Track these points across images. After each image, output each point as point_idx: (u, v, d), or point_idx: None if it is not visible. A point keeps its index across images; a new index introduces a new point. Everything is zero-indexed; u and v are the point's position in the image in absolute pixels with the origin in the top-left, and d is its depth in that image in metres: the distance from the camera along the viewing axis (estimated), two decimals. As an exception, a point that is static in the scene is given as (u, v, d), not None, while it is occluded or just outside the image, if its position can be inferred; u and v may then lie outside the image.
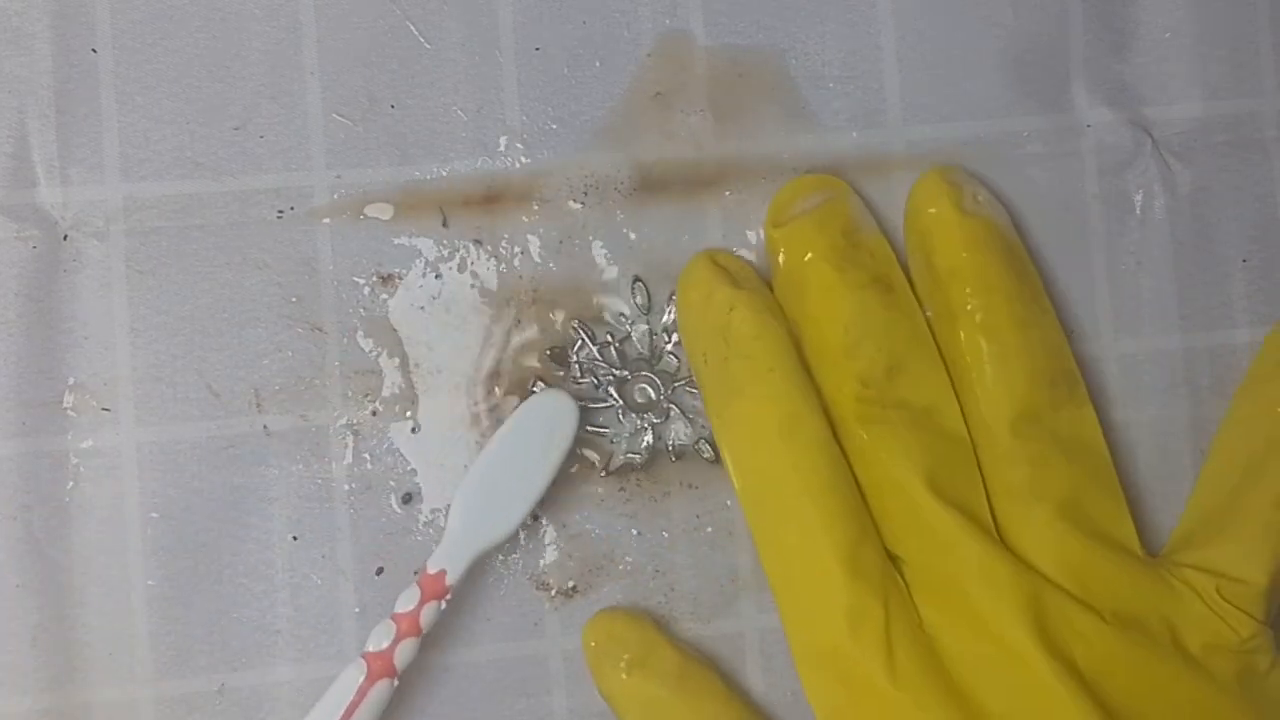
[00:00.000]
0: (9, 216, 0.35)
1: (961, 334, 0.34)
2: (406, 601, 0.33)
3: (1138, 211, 0.37)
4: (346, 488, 0.35)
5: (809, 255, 0.34)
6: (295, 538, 0.35)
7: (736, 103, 0.36)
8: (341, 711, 0.32)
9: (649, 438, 0.35)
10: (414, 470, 0.35)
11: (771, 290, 0.35)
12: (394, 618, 0.33)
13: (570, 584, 0.35)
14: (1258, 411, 0.35)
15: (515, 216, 0.36)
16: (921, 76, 0.37)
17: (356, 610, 0.35)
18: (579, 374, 0.36)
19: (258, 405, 0.35)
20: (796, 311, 0.34)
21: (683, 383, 0.36)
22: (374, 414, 0.35)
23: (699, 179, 0.36)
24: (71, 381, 0.35)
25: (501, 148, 0.36)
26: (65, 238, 0.35)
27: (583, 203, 0.36)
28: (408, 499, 0.35)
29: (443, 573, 0.33)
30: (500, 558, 0.35)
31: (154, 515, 0.35)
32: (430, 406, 0.35)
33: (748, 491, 0.33)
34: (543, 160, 0.36)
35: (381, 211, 0.36)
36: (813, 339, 0.34)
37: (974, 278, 0.34)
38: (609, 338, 0.36)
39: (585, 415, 0.35)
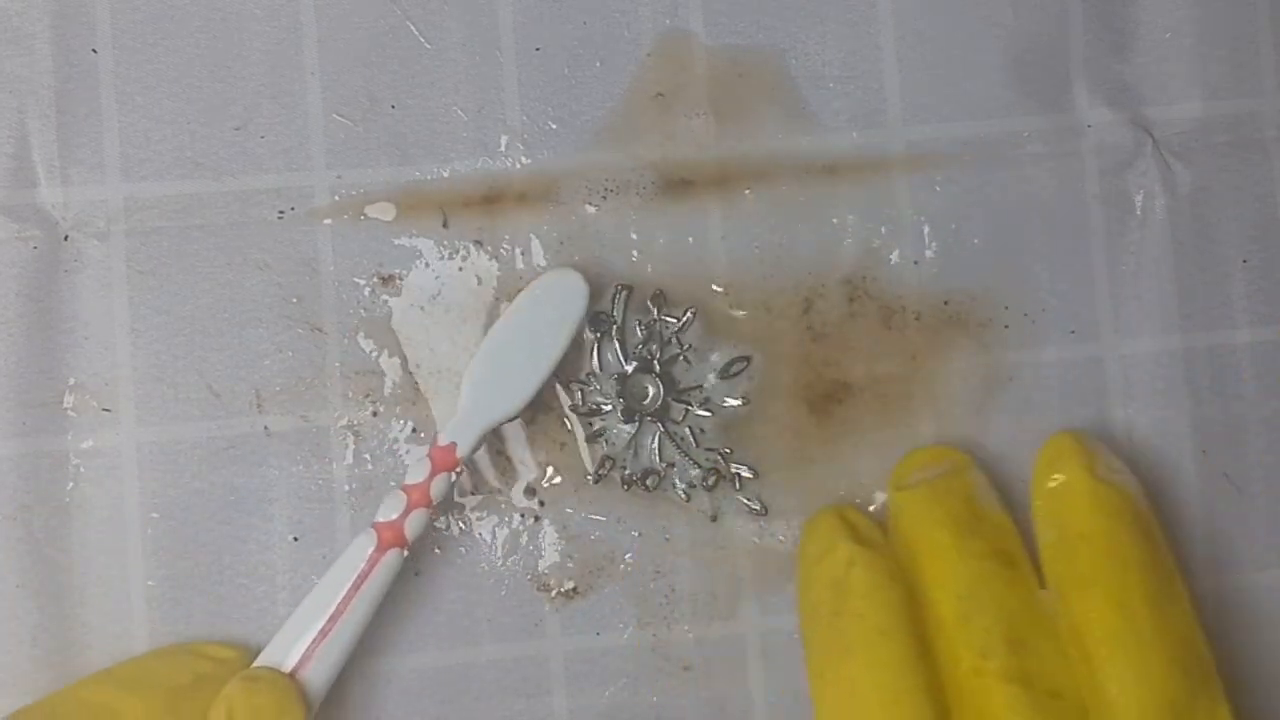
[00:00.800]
0: (9, 217, 0.35)
1: (1093, 607, 0.31)
2: (417, 473, 0.33)
3: (1138, 211, 0.37)
4: (347, 488, 0.35)
5: (929, 522, 0.33)
6: (296, 538, 0.35)
7: (737, 103, 0.36)
8: (352, 579, 0.33)
9: (652, 446, 0.35)
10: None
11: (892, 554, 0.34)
12: (404, 488, 0.33)
13: (571, 585, 0.36)
14: None
15: (516, 217, 0.36)
16: (921, 76, 0.37)
17: (357, 610, 0.35)
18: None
19: (258, 406, 0.35)
20: (915, 578, 0.33)
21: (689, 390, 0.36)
22: (374, 414, 0.35)
23: (699, 179, 0.36)
24: (72, 382, 0.35)
25: (502, 148, 0.36)
26: (66, 238, 0.35)
27: (583, 203, 0.36)
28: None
29: (453, 445, 0.34)
30: (501, 559, 0.35)
31: (154, 515, 0.35)
32: (430, 407, 0.35)
33: None
34: (543, 160, 0.36)
35: (382, 212, 0.36)
36: (929, 610, 0.32)
37: (1108, 549, 0.32)
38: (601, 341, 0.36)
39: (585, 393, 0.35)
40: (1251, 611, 0.36)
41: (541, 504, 0.36)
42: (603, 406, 0.35)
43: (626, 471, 0.35)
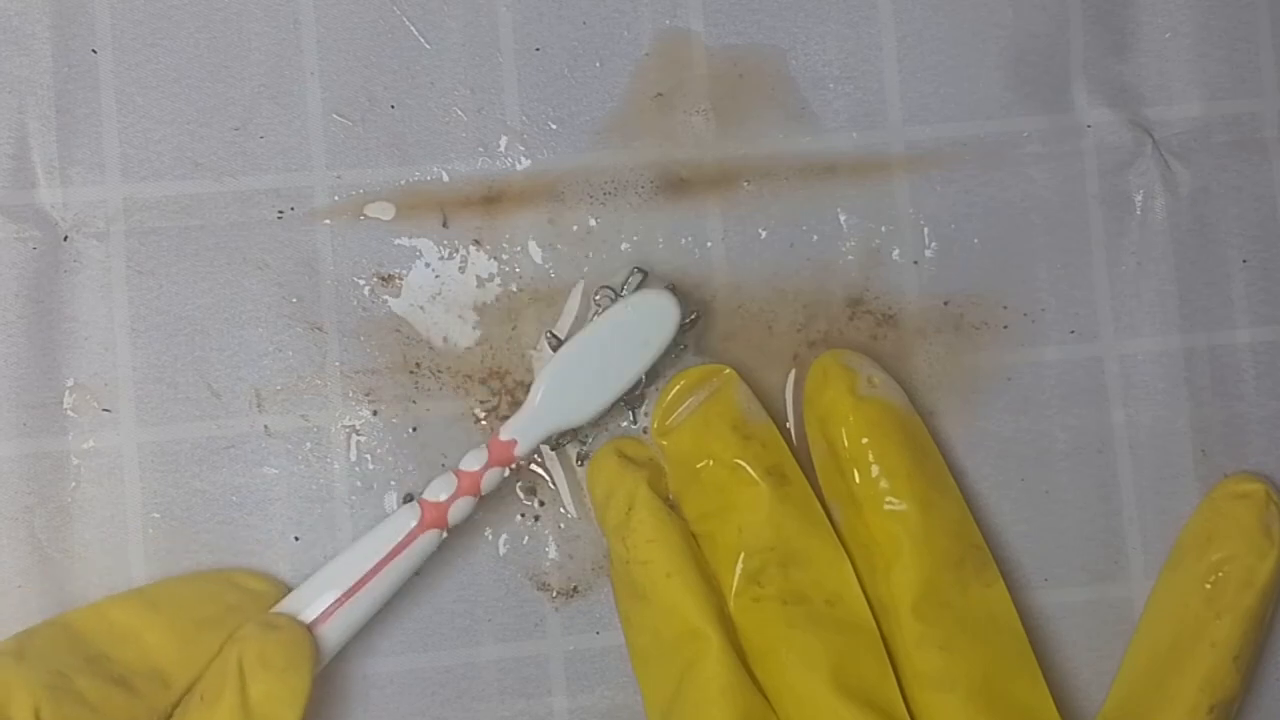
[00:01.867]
0: (9, 217, 0.35)
1: (863, 517, 0.33)
2: (473, 461, 0.33)
3: (1138, 211, 0.37)
4: (347, 488, 0.35)
5: (698, 456, 0.34)
6: (296, 538, 0.35)
7: (737, 103, 0.36)
8: (388, 550, 0.33)
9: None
10: (414, 470, 0.35)
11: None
12: (456, 473, 0.33)
13: (571, 584, 0.36)
14: (1185, 588, 0.35)
15: (515, 217, 0.36)
16: (921, 76, 0.37)
17: (357, 610, 0.35)
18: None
19: (258, 405, 0.35)
20: (693, 510, 0.34)
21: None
22: (374, 414, 0.35)
23: (699, 179, 0.36)
24: (72, 382, 0.35)
25: (502, 148, 0.36)
26: (65, 238, 0.35)
27: (583, 203, 0.36)
28: (408, 499, 0.35)
29: (513, 442, 0.34)
30: (501, 559, 0.35)
31: (155, 515, 0.35)
32: (430, 406, 0.35)
33: (651, 697, 0.33)
34: (543, 161, 0.36)
35: (382, 212, 0.36)
36: (707, 539, 0.33)
37: (872, 461, 0.33)
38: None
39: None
40: (1251, 611, 0.36)
41: (542, 504, 0.36)
42: None
43: (584, 448, 0.35)
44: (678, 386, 0.34)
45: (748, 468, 0.33)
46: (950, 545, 0.33)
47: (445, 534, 0.33)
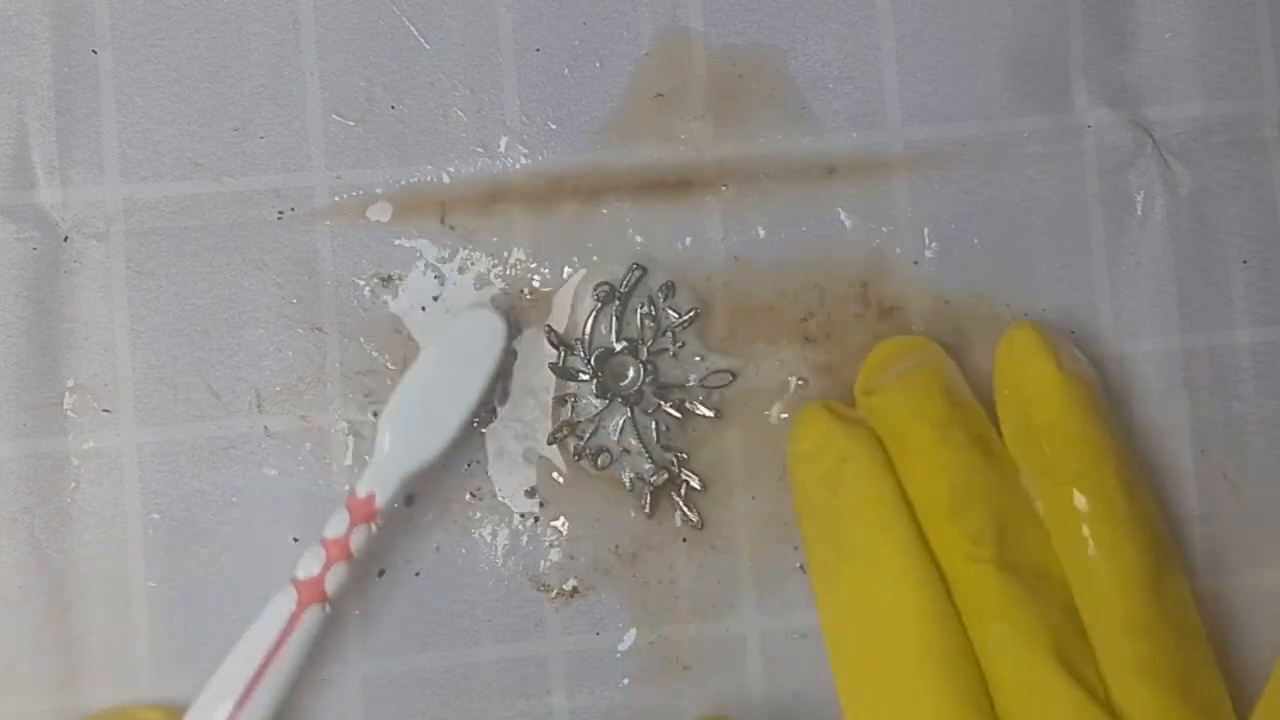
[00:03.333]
0: (9, 217, 0.35)
1: (1070, 495, 0.32)
2: (336, 526, 0.33)
3: (1138, 211, 0.37)
4: (347, 488, 0.35)
5: (909, 415, 0.33)
6: (296, 539, 0.35)
7: (736, 103, 0.36)
8: (274, 639, 0.32)
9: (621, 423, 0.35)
10: (414, 470, 0.35)
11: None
12: (323, 543, 0.33)
13: (571, 585, 0.36)
14: None
15: (516, 217, 0.36)
16: (921, 76, 0.37)
17: (356, 612, 0.35)
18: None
19: (258, 406, 0.35)
20: (901, 470, 0.33)
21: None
22: (375, 415, 0.35)
23: (699, 179, 0.36)
24: (72, 383, 0.35)
25: (501, 148, 0.36)
26: (65, 239, 0.35)
27: (582, 203, 0.36)
28: (408, 500, 0.35)
29: (372, 496, 0.33)
30: (501, 559, 0.35)
31: (155, 516, 0.35)
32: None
33: (848, 659, 0.33)
34: (543, 161, 0.36)
35: (381, 212, 0.36)
36: (919, 502, 0.33)
37: (1080, 439, 0.33)
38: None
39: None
40: (1251, 611, 0.36)
41: (542, 504, 0.36)
42: (580, 374, 0.35)
43: (581, 443, 0.35)
44: (885, 353, 0.35)
45: (960, 431, 0.33)
46: (1152, 532, 0.33)
47: (328, 608, 0.32)
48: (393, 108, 0.36)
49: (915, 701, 0.31)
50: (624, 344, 0.35)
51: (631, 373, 0.35)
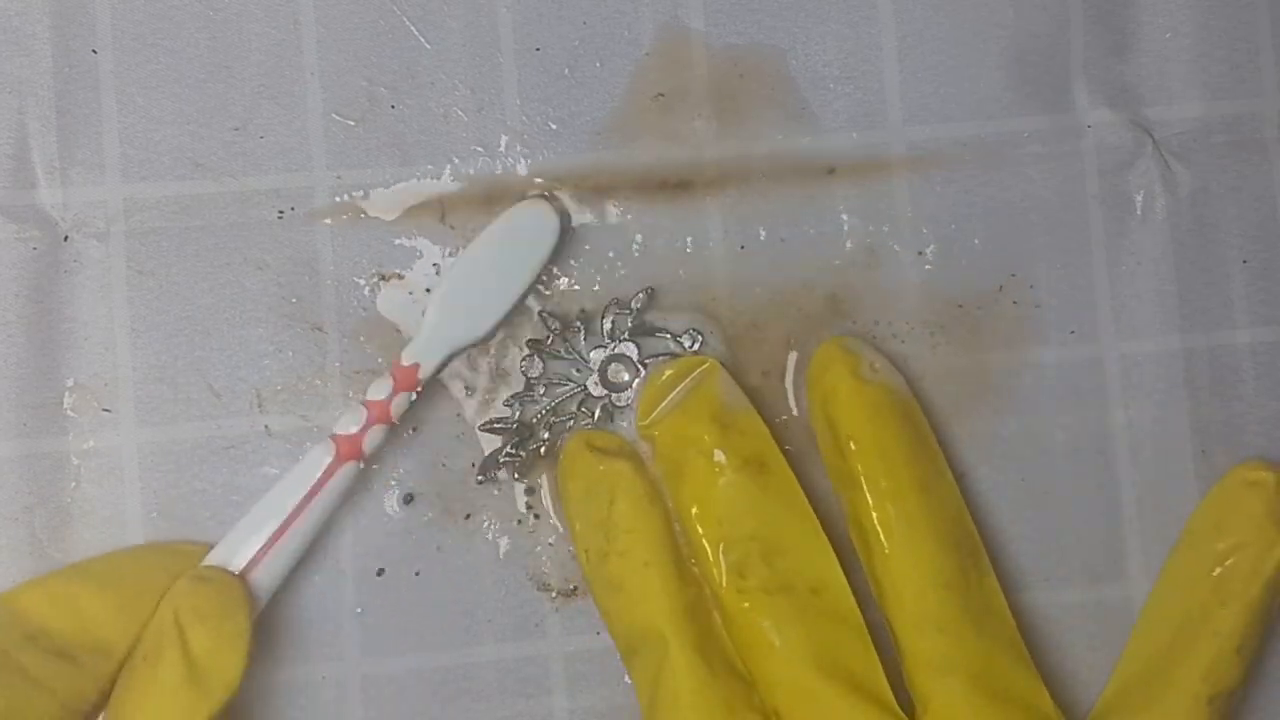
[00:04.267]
0: (9, 217, 0.35)
1: (867, 501, 0.33)
2: (379, 390, 0.34)
3: (1138, 211, 0.37)
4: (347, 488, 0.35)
5: (681, 448, 0.34)
6: (296, 538, 0.35)
7: (737, 103, 0.36)
8: (307, 488, 0.33)
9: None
10: (415, 470, 0.35)
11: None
12: (365, 404, 0.34)
13: (571, 585, 0.36)
14: (1191, 575, 0.35)
15: (515, 217, 0.36)
16: (921, 76, 0.37)
17: (357, 610, 0.35)
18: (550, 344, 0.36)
19: (259, 405, 0.35)
20: (676, 501, 0.34)
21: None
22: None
23: (699, 179, 0.36)
24: (72, 382, 0.35)
25: (501, 148, 0.36)
26: (66, 239, 0.35)
27: (583, 203, 0.36)
28: (408, 499, 0.35)
29: (416, 366, 0.34)
30: (501, 559, 0.35)
31: (155, 515, 0.35)
32: (431, 407, 0.35)
33: (638, 689, 0.33)
34: (543, 160, 0.36)
35: (382, 212, 0.36)
36: (690, 532, 0.33)
37: (874, 445, 0.33)
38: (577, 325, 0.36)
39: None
40: (1251, 611, 0.36)
41: (536, 517, 0.36)
42: (578, 363, 0.35)
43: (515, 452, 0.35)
44: (663, 378, 0.35)
45: (726, 457, 0.33)
46: (949, 531, 0.34)
47: (362, 465, 0.34)
48: (393, 108, 0.36)
49: None
50: (620, 349, 0.35)
51: (627, 376, 0.35)
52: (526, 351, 0.35)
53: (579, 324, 0.35)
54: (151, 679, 0.31)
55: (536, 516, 0.36)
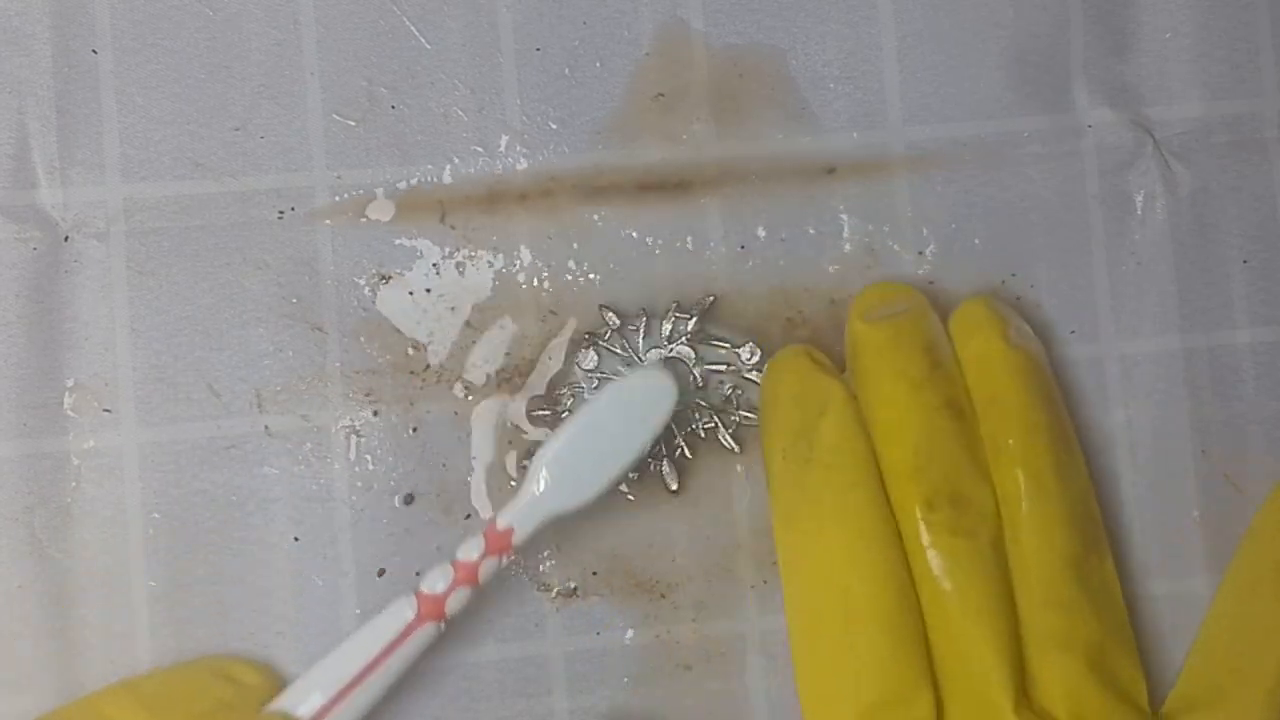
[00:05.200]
0: (9, 217, 0.35)
1: (1003, 469, 0.33)
2: (469, 551, 0.33)
3: (1138, 211, 0.37)
4: (347, 488, 0.35)
5: (889, 372, 0.33)
6: (296, 538, 0.35)
7: (737, 103, 0.36)
8: (384, 645, 0.32)
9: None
10: (415, 470, 0.35)
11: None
12: (454, 564, 0.33)
13: (571, 585, 0.36)
14: (1256, 574, 0.35)
15: (516, 217, 0.36)
16: (921, 76, 0.37)
17: (358, 611, 0.35)
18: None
19: (259, 405, 0.35)
20: (870, 418, 0.33)
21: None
22: (375, 414, 0.35)
23: (699, 179, 0.36)
24: (72, 382, 0.35)
25: (502, 148, 0.36)
26: (66, 239, 0.35)
27: (583, 203, 0.36)
28: (409, 499, 0.35)
29: (510, 530, 0.33)
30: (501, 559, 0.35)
31: (155, 516, 0.35)
32: (430, 407, 0.35)
33: (802, 605, 0.33)
34: (543, 160, 0.36)
35: (382, 212, 0.36)
36: (883, 456, 0.33)
37: (1018, 413, 0.33)
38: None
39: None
40: (1251, 611, 0.36)
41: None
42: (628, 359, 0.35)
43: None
44: (875, 295, 0.35)
45: (933, 393, 0.33)
46: (1078, 508, 0.33)
47: (443, 626, 0.33)
48: (393, 108, 0.36)
49: (858, 665, 0.32)
50: (676, 352, 0.36)
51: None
52: (586, 342, 0.35)
53: (638, 323, 0.35)
54: None
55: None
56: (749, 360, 0.36)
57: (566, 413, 0.35)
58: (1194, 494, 0.37)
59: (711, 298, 0.36)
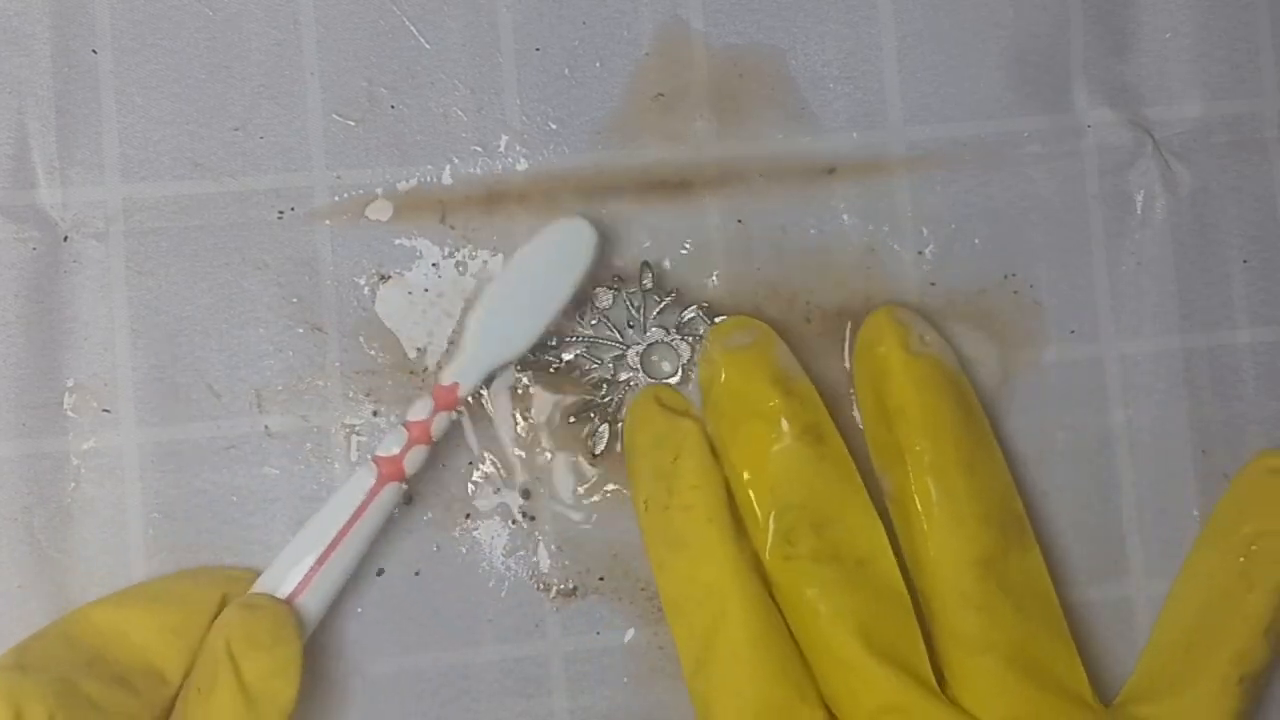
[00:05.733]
0: (9, 217, 0.35)
1: (910, 476, 0.33)
2: (420, 411, 0.34)
3: (1138, 211, 0.37)
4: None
5: (739, 409, 0.34)
6: (296, 538, 0.35)
7: (737, 103, 0.36)
8: (351, 512, 0.33)
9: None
10: (414, 471, 0.35)
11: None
12: (406, 425, 0.34)
13: (571, 585, 0.36)
14: (1219, 561, 0.35)
15: (516, 217, 0.36)
16: (921, 76, 0.37)
17: (358, 610, 0.35)
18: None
19: (259, 406, 0.35)
20: (729, 461, 0.34)
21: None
22: (374, 414, 0.35)
23: (699, 179, 0.36)
24: (71, 382, 0.35)
25: (501, 148, 0.36)
26: (65, 239, 0.35)
27: (582, 203, 0.36)
28: (408, 499, 0.35)
29: (455, 385, 0.34)
30: (501, 559, 0.35)
31: (155, 516, 0.35)
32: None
33: (685, 639, 0.33)
34: (543, 160, 0.36)
35: (381, 212, 0.36)
36: (741, 495, 0.33)
37: (921, 419, 0.33)
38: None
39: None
40: (1251, 611, 0.36)
41: (532, 519, 0.36)
42: (618, 346, 0.36)
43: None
44: (720, 333, 0.35)
45: (784, 423, 0.33)
46: (994, 508, 0.33)
47: (405, 485, 0.34)
48: (393, 108, 0.36)
49: (741, 690, 0.32)
50: (668, 335, 0.36)
51: (667, 367, 0.36)
52: (612, 280, 0.36)
53: (663, 298, 0.36)
54: (208, 710, 0.31)
55: (532, 519, 0.36)
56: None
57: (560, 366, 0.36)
58: (1194, 494, 0.37)
59: (714, 317, 0.36)
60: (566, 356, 0.36)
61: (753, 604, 0.32)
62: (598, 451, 0.35)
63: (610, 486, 0.36)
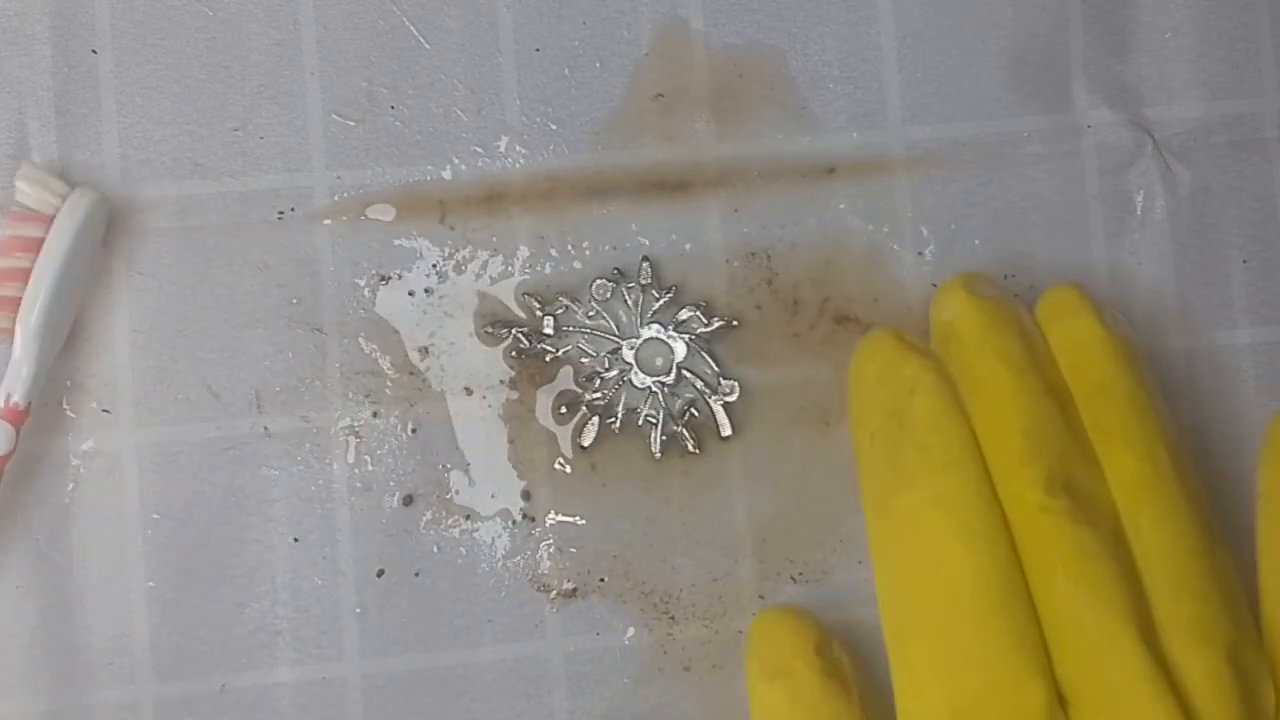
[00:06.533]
0: (9, 217, 0.35)
1: (1121, 456, 0.31)
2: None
3: (1138, 212, 0.37)
4: (347, 488, 0.35)
5: (989, 352, 0.32)
6: (296, 539, 0.35)
7: (736, 103, 0.36)
8: None
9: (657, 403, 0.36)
10: (414, 471, 0.35)
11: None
12: None
13: (571, 585, 0.36)
14: None
15: (516, 217, 0.36)
16: (921, 76, 0.37)
17: (357, 611, 0.35)
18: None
19: (258, 406, 0.35)
20: (970, 401, 0.32)
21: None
22: (374, 415, 0.35)
23: (699, 179, 0.36)
24: (70, 383, 0.35)
25: (501, 148, 0.36)
26: (65, 239, 0.35)
27: (583, 203, 0.36)
28: (408, 500, 0.35)
29: (9, 397, 0.33)
30: (501, 559, 0.35)
31: (155, 516, 0.35)
32: (430, 408, 0.35)
33: (896, 591, 0.31)
34: (543, 160, 0.36)
35: (382, 212, 0.36)
36: (988, 443, 0.31)
37: (1129, 399, 0.32)
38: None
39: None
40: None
41: (533, 520, 0.36)
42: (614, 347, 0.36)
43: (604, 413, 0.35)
44: (960, 282, 0.33)
45: (1036, 378, 0.32)
46: (1198, 496, 0.32)
47: None
48: (393, 108, 0.36)
49: (963, 652, 0.30)
50: (660, 330, 0.36)
51: (659, 362, 0.36)
52: (612, 273, 0.36)
53: (662, 295, 0.36)
54: None
55: (532, 520, 0.36)
56: (725, 391, 0.36)
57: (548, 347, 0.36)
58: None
59: (735, 321, 0.36)
60: (565, 347, 0.36)
61: (996, 565, 0.30)
62: (586, 444, 0.35)
63: (611, 486, 0.36)
